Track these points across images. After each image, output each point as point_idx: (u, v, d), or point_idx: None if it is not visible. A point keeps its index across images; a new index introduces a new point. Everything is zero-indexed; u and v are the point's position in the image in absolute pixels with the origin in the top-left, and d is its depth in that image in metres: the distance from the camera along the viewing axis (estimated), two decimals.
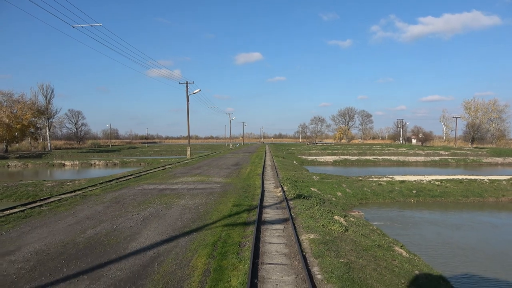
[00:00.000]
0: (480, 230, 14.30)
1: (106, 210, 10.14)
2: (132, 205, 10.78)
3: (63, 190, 18.80)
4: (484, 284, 8.79)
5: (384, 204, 18.28)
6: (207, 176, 18.67)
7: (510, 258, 10.89)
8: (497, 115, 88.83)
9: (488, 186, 19.86)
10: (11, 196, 19.80)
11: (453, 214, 16.63)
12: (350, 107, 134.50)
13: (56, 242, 7.11)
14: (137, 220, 8.86)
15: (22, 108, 68.36)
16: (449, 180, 20.64)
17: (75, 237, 7.42)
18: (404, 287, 5.67)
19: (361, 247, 7.34)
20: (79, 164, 45.08)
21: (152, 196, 12.35)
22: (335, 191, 18.12)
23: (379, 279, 5.65)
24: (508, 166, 42.22)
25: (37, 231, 8.00)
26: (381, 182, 20.22)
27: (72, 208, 10.56)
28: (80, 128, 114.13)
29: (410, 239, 11.97)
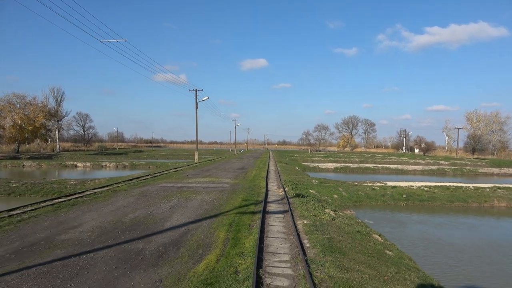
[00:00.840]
0: (459, 229, 16.32)
1: (137, 201, 12.34)
2: (158, 198, 12.98)
3: (85, 187, 21.00)
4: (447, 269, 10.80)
5: (376, 207, 20.33)
6: (216, 177, 20.85)
7: (480, 250, 12.89)
8: (499, 126, 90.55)
9: (473, 193, 21.85)
10: (38, 192, 22.04)
11: (438, 216, 18.65)
12: (354, 116, 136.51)
13: (107, 221, 9.29)
14: (165, 208, 11.03)
15: (34, 111, 71.12)
16: (437, 186, 22.66)
17: (120, 218, 9.60)
18: (370, 255, 7.76)
19: (343, 231, 9.46)
20: (91, 166, 47.45)
21: (173, 192, 14.54)
22: (332, 193, 20.21)
23: (351, 248, 7.77)
24: (503, 176, 43.99)
25: (88, 214, 10.19)
26: (374, 187, 22.28)
27: (108, 199, 12.76)
28: (87, 131, 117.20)
29: (392, 233, 14.02)
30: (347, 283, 5.49)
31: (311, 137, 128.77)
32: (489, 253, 12.71)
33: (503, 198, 21.26)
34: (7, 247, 6.87)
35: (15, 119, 68.46)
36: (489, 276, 10.26)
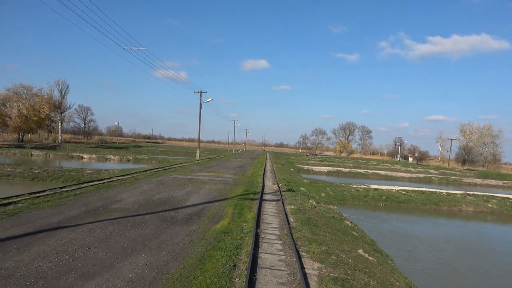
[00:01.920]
0: (426, 227, 19.40)
1: (157, 187, 15.29)
2: (174, 185, 15.94)
3: (101, 176, 23.85)
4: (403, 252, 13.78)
5: (358, 206, 23.35)
6: (219, 173, 23.81)
7: (436, 242, 15.90)
8: (491, 139, 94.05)
9: (445, 198, 24.93)
10: (59, 178, 24.88)
11: (411, 215, 21.71)
12: (351, 122, 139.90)
13: (140, 199, 12.22)
14: (183, 193, 14.00)
15: (40, 102, 73.75)
16: (414, 190, 25.74)
17: (150, 198, 12.54)
18: (337, 231, 10.74)
19: (321, 215, 12.47)
20: (96, 158, 50.26)
21: (185, 181, 17.51)
22: (320, 192, 23.22)
23: (323, 225, 10.77)
24: (485, 187, 47.17)
25: (123, 193, 13.13)
26: (358, 189, 25.33)
27: (133, 184, 15.71)
28: (88, 124, 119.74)
29: (366, 226, 17.01)
30: (314, 240, 8.48)
31: (308, 141, 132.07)
32: (443, 245, 15.75)
33: (471, 204, 24.35)
34: (79, 210, 9.81)
35: (21, 109, 71.19)
36: (434, 260, 13.26)
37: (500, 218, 23.42)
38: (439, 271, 11.74)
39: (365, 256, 8.61)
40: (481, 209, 23.96)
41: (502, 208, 24.20)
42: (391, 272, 8.43)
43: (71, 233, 7.38)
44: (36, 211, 9.22)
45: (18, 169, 26.26)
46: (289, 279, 5.81)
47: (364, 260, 8.19)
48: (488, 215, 23.67)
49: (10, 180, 24.65)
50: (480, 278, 11.63)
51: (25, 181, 24.50)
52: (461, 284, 10.58)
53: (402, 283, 7.70)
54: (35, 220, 8.29)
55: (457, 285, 10.50)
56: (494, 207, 24.22)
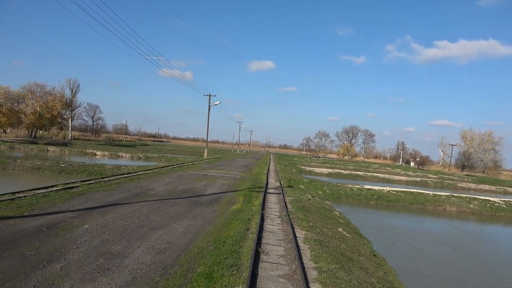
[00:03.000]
0: (409, 222, 22.23)
1: (178, 180, 18.30)
2: (192, 179, 18.95)
3: (121, 171, 26.84)
4: (383, 240, 16.64)
5: (352, 203, 26.21)
6: (228, 171, 26.82)
7: (414, 234, 18.73)
8: (491, 146, 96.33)
9: (431, 198, 27.73)
10: (83, 172, 27.97)
11: (398, 212, 24.56)
12: (354, 125, 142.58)
13: (167, 188, 15.22)
14: (200, 185, 17.00)
15: (53, 100, 77.21)
16: (404, 191, 28.57)
17: (175, 188, 15.54)
18: (325, 217, 13.66)
19: (314, 205, 15.42)
20: (109, 155, 53.47)
21: (200, 177, 20.52)
22: (317, 190, 26.13)
23: (314, 211, 13.72)
24: (479, 191, 49.74)
25: (152, 184, 16.14)
26: (353, 188, 28.21)
27: (157, 177, 18.73)
28: (96, 122, 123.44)
29: (355, 219, 19.88)
30: (304, 219, 11.42)
31: (311, 143, 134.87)
32: (418, 236, 18.55)
33: (454, 204, 27.14)
34: (125, 194, 12.82)
35: (35, 106, 74.69)
36: (406, 246, 16.10)
37: (480, 217, 26.17)
38: (407, 253, 14.61)
39: (343, 233, 11.55)
40: (463, 209, 26.74)
41: (482, 209, 26.96)
42: (362, 244, 11.37)
43: (130, 207, 10.40)
44: (95, 193, 12.26)
45: (47, 163, 29.41)
46: (284, 238, 8.77)
47: (341, 235, 11.13)
48: (470, 215, 26.43)
49: (40, 172, 27.81)
50: (441, 261, 14.45)
51: (53, 173, 27.63)
52: (420, 262, 13.44)
53: (367, 251, 10.64)
54: (98, 199, 11.32)
55: (417, 262, 13.37)
56: (475, 207, 26.99)
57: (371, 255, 10.39)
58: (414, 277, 11.12)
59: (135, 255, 6.34)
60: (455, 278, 11.97)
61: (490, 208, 27.05)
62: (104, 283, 5.10)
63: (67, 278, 5.14)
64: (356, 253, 9.46)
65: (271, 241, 8.31)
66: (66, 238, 6.97)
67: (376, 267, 9.16)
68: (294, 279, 6.04)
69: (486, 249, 17.70)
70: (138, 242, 7.14)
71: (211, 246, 7.25)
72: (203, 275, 5.62)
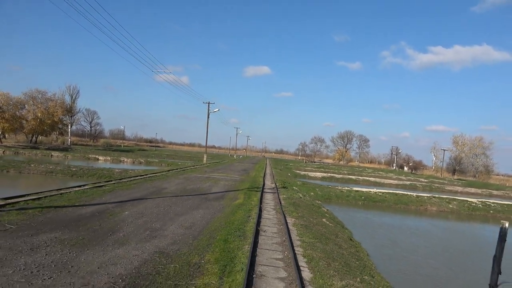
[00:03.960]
0: (391, 219, 24.92)
1: (185, 181, 20.90)
2: (197, 181, 21.56)
3: (129, 175, 29.36)
4: (365, 234, 19.28)
5: (341, 204, 28.88)
6: (228, 174, 29.45)
7: (394, 229, 21.43)
8: (482, 151, 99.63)
9: (414, 199, 30.51)
10: (93, 175, 30.42)
11: (383, 212, 27.26)
12: (349, 131, 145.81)
13: (178, 188, 17.82)
14: (206, 185, 19.61)
15: (54, 106, 79.55)
16: (389, 192, 31.32)
17: (185, 187, 18.15)
18: (313, 211, 16.30)
19: (304, 202, 18.09)
20: (111, 160, 55.84)
21: (204, 179, 23.13)
22: (309, 191, 28.80)
23: (304, 207, 16.38)
24: (465, 194, 52.63)
25: (164, 184, 18.74)
26: (342, 190, 30.92)
27: (166, 179, 21.31)
28: (94, 127, 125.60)
29: (343, 216, 22.53)
30: (294, 211, 14.08)
31: (307, 148, 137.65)
32: (396, 230, 21.25)
33: (435, 204, 29.91)
34: (145, 192, 15.41)
35: (36, 112, 76.94)
36: (384, 237, 18.76)
37: (458, 216, 28.94)
38: (383, 243, 17.27)
39: (326, 222, 14.23)
40: (443, 208, 29.50)
41: (460, 208, 29.74)
42: (341, 232, 14.05)
43: (153, 201, 13.01)
44: (121, 191, 14.86)
45: (59, 167, 31.86)
46: (277, 222, 11.42)
47: (324, 223, 13.81)
48: (449, 214, 29.20)
49: (54, 175, 30.24)
50: (410, 249, 17.12)
51: (66, 176, 30.06)
52: (391, 249, 16.10)
53: (345, 236, 13.31)
54: (125, 195, 13.92)
55: (388, 248, 16.04)
56: (454, 207, 29.77)
57: (347, 239, 13.06)
58: (383, 258, 13.78)
59: (170, 229, 8.97)
60: (419, 261, 14.62)
61: (467, 208, 29.84)
62: (156, 243, 7.72)
63: (130, 241, 7.75)
64: (334, 235, 12.14)
65: (268, 224, 10.96)
66: (116, 220, 9.58)
67: (349, 246, 11.82)
68: (284, 245, 8.68)
69: (454, 240, 20.43)
70: (170, 222, 9.77)
71: (223, 225, 9.90)
72: (221, 240, 8.26)
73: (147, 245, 7.44)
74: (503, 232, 7.95)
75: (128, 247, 7.21)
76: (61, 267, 5.79)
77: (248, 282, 5.75)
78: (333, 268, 7.63)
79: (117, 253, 6.74)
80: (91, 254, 6.59)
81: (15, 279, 5.15)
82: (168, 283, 5.53)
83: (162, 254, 6.94)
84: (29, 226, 8.20)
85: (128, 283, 5.41)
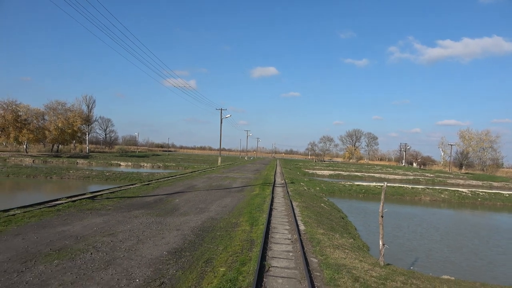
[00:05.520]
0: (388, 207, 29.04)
1: (209, 180, 25.43)
2: (219, 179, 26.08)
3: (158, 177, 34.03)
4: (359, 219, 23.52)
5: (343, 196, 33.09)
6: (242, 173, 33.94)
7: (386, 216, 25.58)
8: (489, 144, 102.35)
9: (409, 190, 34.54)
10: (125, 179, 35.12)
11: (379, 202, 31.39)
12: (357, 129, 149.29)
13: (206, 185, 22.35)
14: (227, 182, 24.12)
15: (73, 116, 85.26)
16: (387, 185, 35.38)
17: (210, 184, 22.67)
18: (315, 199, 20.63)
19: (308, 193, 22.46)
20: (132, 165, 60.86)
21: (224, 177, 27.65)
22: (315, 186, 33.11)
23: (308, 196, 20.76)
24: (467, 186, 56.19)
25: (193, 182, 23.29)
26: (345, 185, 35.15)
27: (193, 179, 25.87)
28: (108, 134, 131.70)
29: (343, 206, 26.79)
30: (299, 199, 18.47)
31: (316, 148, 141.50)
32: (387, 216, 25.41)
33: (428, 194, 33.90)
34: (181, 188, 19.95)
35: (57, 123, 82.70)
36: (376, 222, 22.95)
37: (449, 204, 32.87)
38: (371, 223, 21.49)
39: (324, 206, 18.58)
40: (435, 198, 33.47)
41: (451, 197, 33.67)
42: (335, 212, 18.37)
43: (192, 193, 17.54)
44: (164, 187, 19.44)
45: (94, 173, 36.75)
46: (285, 204, 15.83)
47: (322, 207, 18.16)
48: (441, 203, 33.16)
49: (90, 180, 35.09)
50: (396, 227, 21.30)
51: (101, 180, 34.87)
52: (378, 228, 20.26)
53: (337, 215, 17.65)
54: (169, 190, 18.48)
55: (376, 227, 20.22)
56: (445, 197, 33.71)
57: (339, 217, 17.41)
58: (369, 233, 18.05)
59: (212, 208, 13.46)
60: (400, 237, 18.83)
61: (458, 197, 33.76)
62: (206, 214, 12.19)
63: (189, 214, 12.22)
64: (328, 214, 16.51)
65: (278, 205, 15.38)
66: (173, 204, 14.11)
67: (340, 221, 16.16)
68: (289, 215, 13.07)
69: (435, 222, 24.52)
70: (210, 204, 14.28)
71: (247, 205, 14.36)
72: (247, 212, 12.71)
73: (201, 215, 11.94)
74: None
75: (190, 216, 11.71)
76: (159, 224, 10.30)
77: (267, 230, 10.16)
78: (320, 228, 12.01)
79: (186, 219, 11.25)
80: (171, 219, 11.10)
81: (140, 229, 9.67)
82: (222, 230, 9.99)
83: (213, 219, 11.43)
84: (121, 207, 12.76)
85: (200, 229, 9.88)
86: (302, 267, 6.86)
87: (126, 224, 9.88)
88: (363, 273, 7.13)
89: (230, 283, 5.78)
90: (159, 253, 7.28)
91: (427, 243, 17.06)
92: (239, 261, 6.98)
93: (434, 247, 16.02)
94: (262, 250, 7.63)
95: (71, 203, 12.64)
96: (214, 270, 6.46)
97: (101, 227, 9.37)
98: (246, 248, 7.95)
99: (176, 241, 8.38)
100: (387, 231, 18.44)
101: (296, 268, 6.90)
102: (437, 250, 15.64)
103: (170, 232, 9.26)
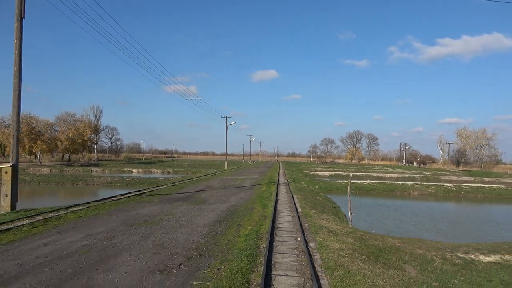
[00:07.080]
0: (379, 201, 33.42)
1: (222, 181, 29.88)
2: (230, 180, 30.54)
3: (174, 181, 38.48)
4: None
5: (340, 193, 37.41)
6: (249, 175, 38.39)
7: (374, 206, 29.95)
8: (486, 142, 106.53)
9: (399, 186, 38.88)
10: (143, 184, 39.59)
11: (373, 197, 35.72)
12: (357, 130, 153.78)
13: (220, 185, 26.79)
14: (237, 182, 28.56)
15: (83, 126, 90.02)
16: (380, 182, 39.75)
17: (224, 184, 27.12)
18: (312, 193, 25.03)
19: (307, 189, 26.91)
20: (143, 171, 65.38)
21: (234, 179, 32.10)
22: (314, 185, 37.50)
23: (306, 192, 25.19)
24: (460, 182, 60.37)
25: (209, 183, 27.74)
26: (342, 183, 39.52)
27: (208, 181, 30.32)
28: (114, 143, 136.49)
29: (337, 200, 31.14)
30: (299, 193, 22.89)
31: (318, 150, 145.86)
32: (375, 206, 29.76)
33: (417, 189, 38.22)
34: (202, 187, 24.40)
35: (68, 133, 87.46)
36: (365, 212, 27.32)
37: (435, 197, 37.17)
38: (361, 213, 25.85)
39: (319, 199, 22.99)
40: (423, 192, 37.78)
41: (437, 191, 37.97)
42: (328, 203, 22.78)
43: (212, 191, 22.00)
44: (188, 187, 23.89)
45: (115, 179, 41.26)
46: (287, 197, 20.26)
47: (317, 199, 22.57)
48: (428, 196, 37.47)
49: (113, 185, 39.58)
50: (382, 217, 25.63)
51: (122, 185, 39.35)
52: (365, 216, 24.63)
53: (330, 205, 22.05)
54: (193, 189, 22.93)
55: (363, 215, 24.59)
56: (432, 191, 38.01)
57: (332, 207, 21.80)
58: (354, 218, 22.39)
59: (231, 200, 17.89)
60: (384, 223, 23.18)
61: (443, 191, 38.08)
62: (228, 203, 16.61)
63: (216, 203, 16.64)
64: (322, 203, 20.91)
65: (282, 197, 19.80)
66: (201, 198, 18.54)
67: (332, 209, 20.55)
68: (290, 204, 17.45)
69: (418, 211, 28.85)
70: (229, 197, 18.73)
71: (258, 198, 18.79)
72: (259, 201, 17.15)
73: (225, 204, 16.38)
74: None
75: (217, 205, 16.14)
76: (198, 209, 14.72)
77: (275, 210, 14.55)
78: (314, 210, 16.42)
79: (215, 206, 15.67)
80: (205, 206, 15.53)
81: (187, 211, 14.10)
82: (243, 211, 14.39)
83: (234, 205, 15.86)
84: (163, 201, 17.21)
85: (228, 211, 14.29)
86: (297, 226, 11.27)
87: (176, 209, 14.35)
88: (336, 230, 11.52)
89: (256, 233, 10.19)
90: (207, 222, 11.72)
91: (403, 225, 21.43)
92: (259, 224, 11.41)
93: (408, 229, 20.33)
94: (273, 219, 12.06)
95: (127, 198, 17.11)
96: (244, 227, 10.89)
97: (160, 211, 13.83)
98: (262, 219, 12.37)
99: (214, 217, 12.82)
100: (374, 219, 22.91)
101: (294, 227, 11.31)
102: (407, 229, 20.01)
103: (208, 213, 13.70)
